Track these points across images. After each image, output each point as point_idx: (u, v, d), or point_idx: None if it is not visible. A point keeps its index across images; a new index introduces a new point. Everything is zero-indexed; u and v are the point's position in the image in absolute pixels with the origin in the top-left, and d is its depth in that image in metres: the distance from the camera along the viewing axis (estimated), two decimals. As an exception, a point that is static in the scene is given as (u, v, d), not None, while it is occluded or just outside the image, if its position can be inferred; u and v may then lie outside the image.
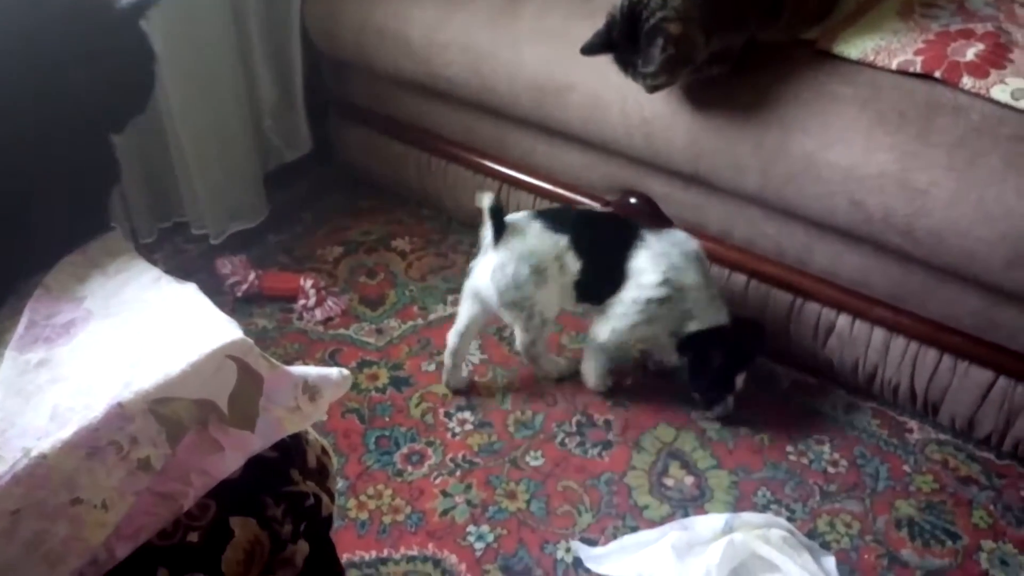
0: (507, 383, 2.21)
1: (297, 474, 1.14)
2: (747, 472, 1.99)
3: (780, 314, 2.15)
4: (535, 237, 1.97)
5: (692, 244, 2.01)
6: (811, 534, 1.85)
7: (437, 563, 1.83)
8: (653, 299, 1.96)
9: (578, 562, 1.82)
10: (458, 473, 2.00)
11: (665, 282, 1.95)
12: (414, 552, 1.85)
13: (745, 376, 2.05)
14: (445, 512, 1.92)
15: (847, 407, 2.13)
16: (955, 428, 2.04)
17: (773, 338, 2.14)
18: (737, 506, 1.90)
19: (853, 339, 2.06)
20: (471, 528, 1.90)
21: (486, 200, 1.95)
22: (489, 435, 2.09)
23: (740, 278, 2.18)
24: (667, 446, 2.05)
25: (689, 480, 1.98)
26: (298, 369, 1.13)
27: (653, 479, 1.98)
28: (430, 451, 2.05)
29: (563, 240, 1.97)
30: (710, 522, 1.78)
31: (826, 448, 2.03)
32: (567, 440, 2.07)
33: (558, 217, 2.02)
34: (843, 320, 2.07)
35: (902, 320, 1.98)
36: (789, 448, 2.04)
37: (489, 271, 1.98)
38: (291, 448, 1.15)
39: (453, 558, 1.84)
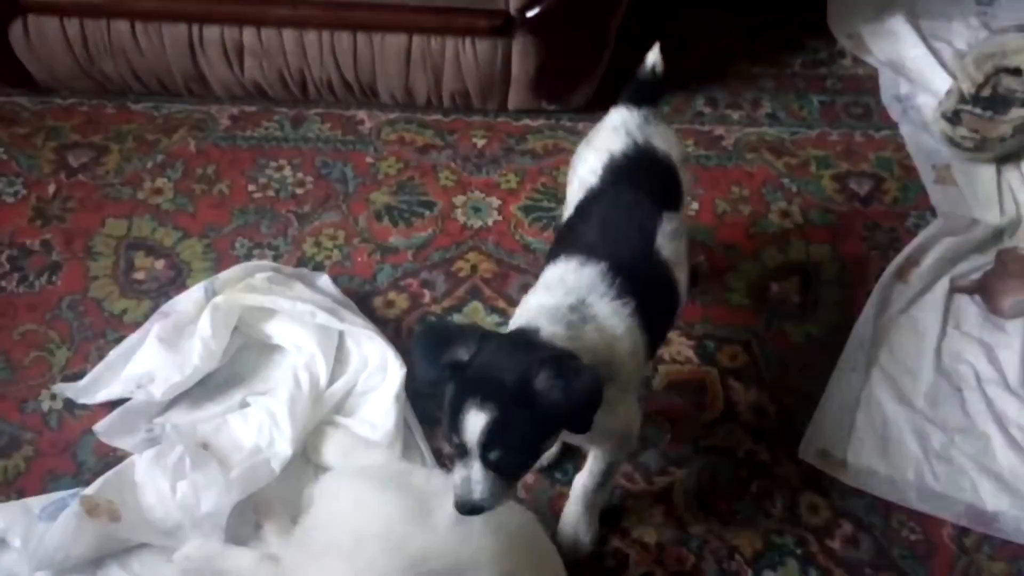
0: None
1: None
2: (217, 230, 1.82)
3: (182, 51, 1.89)
4: None
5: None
6: (301, 262, 1.77)
7: None
8: None
9: (71, 403, 1.56)
10: None
11: None
12: None
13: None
14: None
15: (294, 122, 2.01)
16: (398, 103, 2.03)
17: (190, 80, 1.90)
18: (219, 268, 1.72)
19: (267, 51, 1.89)
20: (-74, 435, 1.53)
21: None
22: (-101, 321, 1.65)
23: (122, 26, 1.85)
24: (123, 240, 1.79)
25: (160, 264, 1.76)
26: None
27: (121, 280, 1.73)
28: None
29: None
30: (189, 296, 1.60)
31: (287, 172, 1.91)
32: (4, 282, 1.71)
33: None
34: (248, 35, 1.87)
35: (302, 12, 1.84)
36: (251, 188, 1.88)
37: None
38: None
39: (-83, 478, 1.48)
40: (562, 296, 1.23)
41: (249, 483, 1.39)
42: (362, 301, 1.70)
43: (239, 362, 1.59)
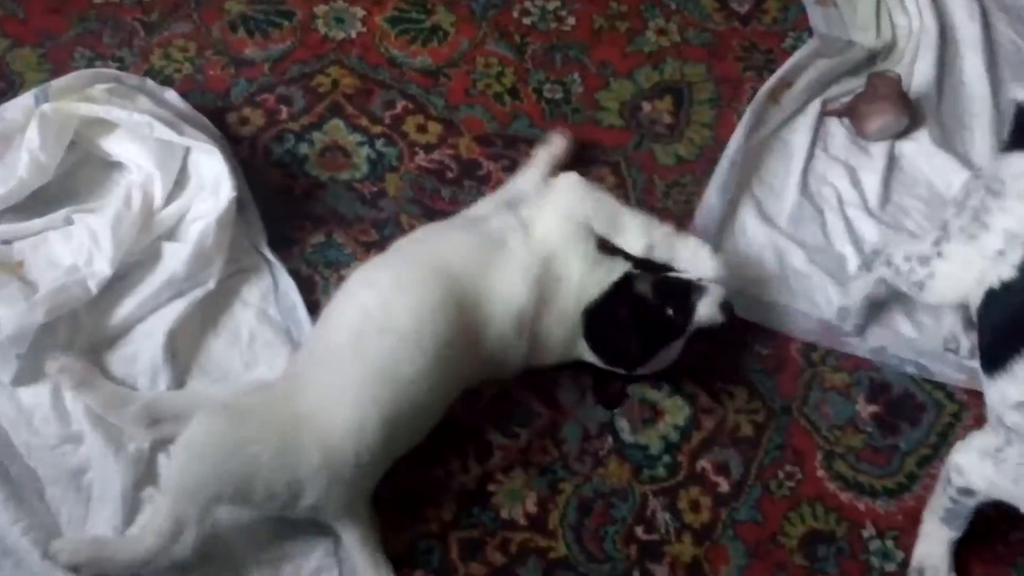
0: None
1: None
2: (54, 38, 1.67)
3: None
4: None
5: None
6: (149, 73, 1.65)
7: None
8: None
9: None
10: None
11: None
12: None
13: None
14: None
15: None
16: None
17: None
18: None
19: None
20: None
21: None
22: None
23: None
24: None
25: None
26: None
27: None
28: None
29: None
30: (18, 104, 1.48)
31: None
32: None
33: None
34: None
35: None
36: (85, -4, 1.73)
37: None
38: None
39: None
40: None
41: (61, 302, 1.33)
42: (215, 117, 1.60)
43: (75, 178, 1.50)
